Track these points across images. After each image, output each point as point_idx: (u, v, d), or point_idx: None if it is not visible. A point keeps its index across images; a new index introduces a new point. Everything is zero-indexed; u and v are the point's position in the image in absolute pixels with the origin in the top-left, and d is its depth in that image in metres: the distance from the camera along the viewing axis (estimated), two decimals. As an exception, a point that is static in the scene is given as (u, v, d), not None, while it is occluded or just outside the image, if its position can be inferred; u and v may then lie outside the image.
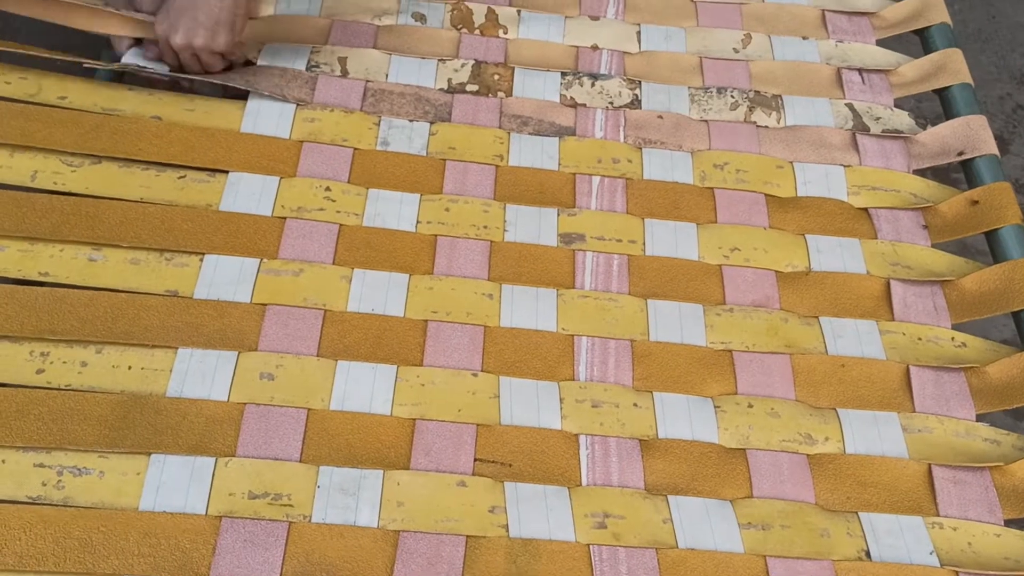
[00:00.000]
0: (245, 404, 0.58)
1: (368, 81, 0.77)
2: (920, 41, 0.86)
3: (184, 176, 0.69)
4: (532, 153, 0.75)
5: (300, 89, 0.75)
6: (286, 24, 0.80)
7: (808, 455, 0.61)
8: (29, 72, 0.72)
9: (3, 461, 0.54)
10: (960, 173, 0.79)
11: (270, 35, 0.78)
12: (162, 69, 0.74)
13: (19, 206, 0.64)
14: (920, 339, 0.67)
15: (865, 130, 0.78)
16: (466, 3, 0.84)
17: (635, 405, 0.62)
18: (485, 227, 0.69)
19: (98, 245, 0.64)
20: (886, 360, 0.65)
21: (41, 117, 0.69)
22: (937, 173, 0.79)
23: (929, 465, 0.60)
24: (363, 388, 0.60)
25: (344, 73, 0.77)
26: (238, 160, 0.70)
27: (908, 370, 0.65)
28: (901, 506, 0.59)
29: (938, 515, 0.59)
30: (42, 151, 0.68)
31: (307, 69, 0.77)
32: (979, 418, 0.63)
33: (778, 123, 0.79)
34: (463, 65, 0.79)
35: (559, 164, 0.74)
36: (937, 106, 0.82)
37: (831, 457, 0.61)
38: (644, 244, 0.70)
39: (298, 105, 0.74)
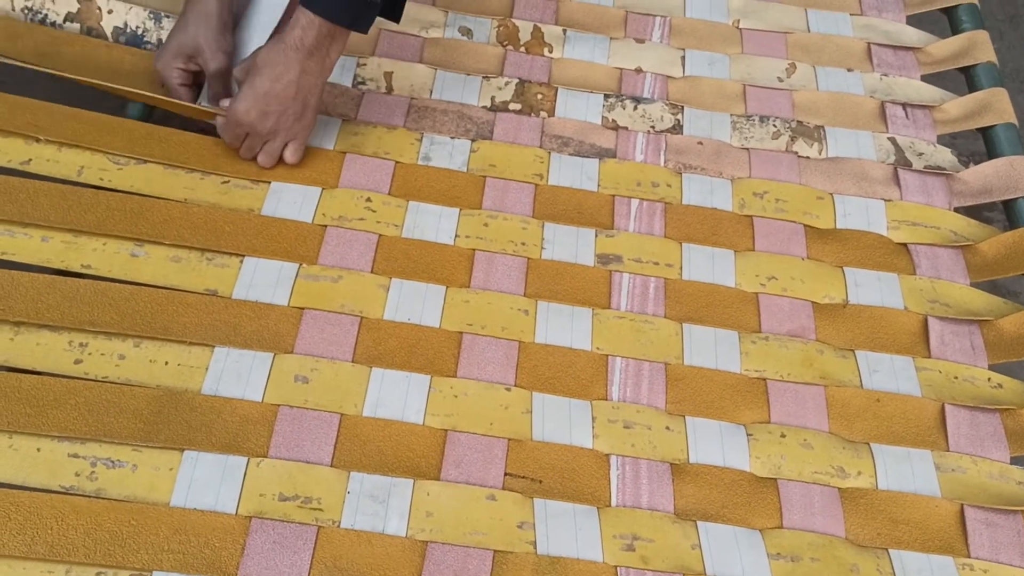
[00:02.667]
0: (279, 406, 0.59)
1: (412, 98, 0.77)
2: (965, 79, 0.86)
3: (228, 181, 0.69)
4: (572, 174, 0.75)
5: (345, 106, 0.76)
6: None
7: (840, 488, 0.60)
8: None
9: (38, 450, 0.55)
10: (993, 212, 0.79)
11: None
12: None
13: (65, 199, 0.65)
14: (956, 378, 0.66)
15: (907, 165, 0.78)
16: (512, 20, 0.85)
17: (667, 428, 0.61)
18: (523, 244, 0.69)
19: (141, 241, 0.64)
20: (921, 397, 0.65)
21: (93, 122, 0.70)
22: (970, 211, 0.78)
23: (961, 505, 0.60)
24: (396, 396, 0.60)
25: (389, 90, 0.78)
26: (281, 171, 0.70)
27: (943, 408, 0.64)
28: (932, 545, 0.58)
29: (969, 556, 0.58)
30: (89, 148, 0.69)
31: (353, 85, 0.77)
32: (1013, 461, 0.63)
33: (820, 154, 0.79)
34: (507, 83, 0.80)
35: (598, 186, 0.74)
36: (973, 144, 0.82)
37: (863, 492, 0.60)
38: (681, 268, 0.70)
39: (343, 120, 0.75)
